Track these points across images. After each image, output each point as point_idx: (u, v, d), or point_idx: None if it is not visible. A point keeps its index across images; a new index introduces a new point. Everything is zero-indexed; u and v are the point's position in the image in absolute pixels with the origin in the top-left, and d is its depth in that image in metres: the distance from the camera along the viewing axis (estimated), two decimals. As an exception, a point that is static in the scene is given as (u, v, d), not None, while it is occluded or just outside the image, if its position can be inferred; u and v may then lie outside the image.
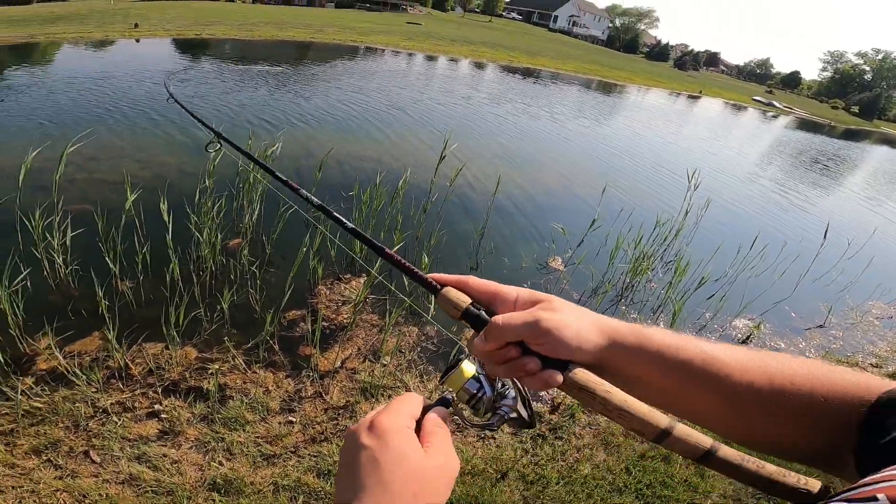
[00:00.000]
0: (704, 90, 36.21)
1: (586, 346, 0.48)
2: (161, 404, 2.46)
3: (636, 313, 4.13)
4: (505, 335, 0.49)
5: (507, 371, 0.50)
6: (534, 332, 0.48)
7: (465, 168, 4.52)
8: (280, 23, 22.71)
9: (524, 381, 0.50)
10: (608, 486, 2.35)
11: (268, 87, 10.25)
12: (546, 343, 0.48)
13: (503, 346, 0.49)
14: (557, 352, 0.48)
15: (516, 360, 0.49)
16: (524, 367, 0.48)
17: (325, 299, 3.38)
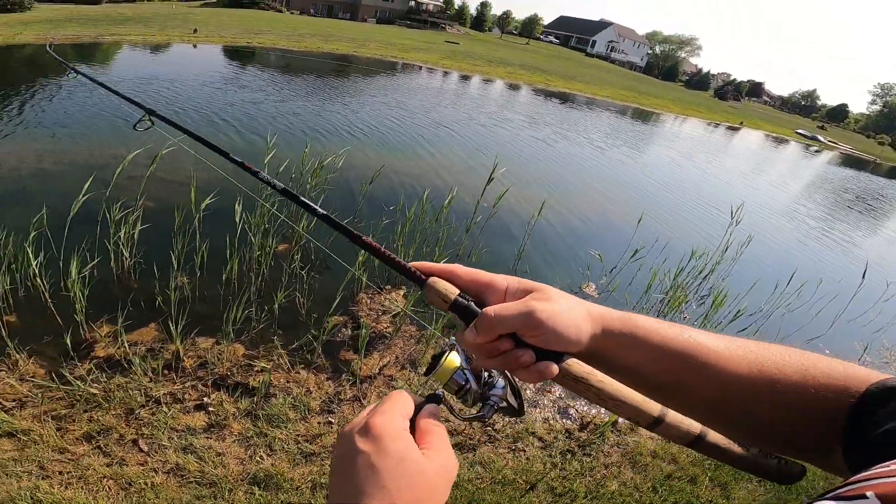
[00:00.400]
0: (745, 122, 35.50)
1: (580, 336, 0.47)
2: (209, 397, 2.57)
3: None
4: (497, 327, 0.46)
5: (500, 364, 0.48)
6: (527, 324, 0.46)
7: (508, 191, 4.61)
8: (325, 35, 23.60)
9: (517, 374, 0.48)
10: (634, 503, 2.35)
11: (319, 98, 10.72)
12: (540, 335, 0.46)
13: (495, 338, 0.47)
14: (550, 343, 0.46)
15: (509, 352, 0.47)
16: (518, 360, 0.46)
17: (366, 308, 3.48)
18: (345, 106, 10.41)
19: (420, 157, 7.75)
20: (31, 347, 2.69)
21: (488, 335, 0.47)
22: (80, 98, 7.65)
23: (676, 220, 7.72)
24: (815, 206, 13.00)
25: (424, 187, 4.99)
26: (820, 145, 36.84)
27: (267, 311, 3.14)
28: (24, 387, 2.48)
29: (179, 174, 5.00)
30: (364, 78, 15.83)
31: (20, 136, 5.87)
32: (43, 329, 2.83)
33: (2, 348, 2.63)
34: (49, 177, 4.84)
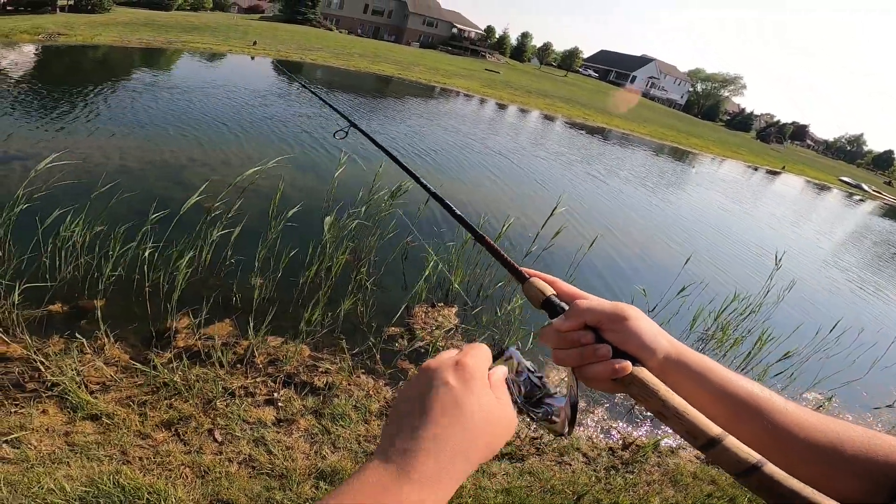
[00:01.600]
0: (788, 166, 34.76)
1: (655, 348, 0.50)
2: (278, 393, 2.74)
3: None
4: (586, 314, 0.51)
5: (577, 356, 0.51)
6: (612, 318, 0.51)
7: (570, 225, 4.75)
8: (373, 56, 24.61)
9: (589, 372, 0.50)
10: None
11: (383, 119, 11.24)
12: (621, 332, 0.50)
13: (581, 327, 0.51)
14: (628, 343, 0.50)
15: (588, 345, 0.50)
16: (596, 352, 0.50)
17: (421, 321, 3.64)
18: (410, 127, 10.91)
19: (480, 184, 8.02)
20: (118, 333, 2.87)
21: (576, 321, 0.52)
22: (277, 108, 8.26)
23: (718, 262, 7.69)
24: (858, 256, 12.60)
25: (482, 212, 5.17)
26: (864, 194, 35.64)
27: (331, 317, 3.32)
28: (110, 370, 2.67)
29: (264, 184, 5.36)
30: (414, 100, 16.40)
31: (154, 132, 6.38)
32: (131, 316, 3.04)
33: (91, 332, 2.81)
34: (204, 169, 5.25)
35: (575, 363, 0.51)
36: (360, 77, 18.45)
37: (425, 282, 3.61)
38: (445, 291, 4.08)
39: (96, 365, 2.62)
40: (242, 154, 6.50)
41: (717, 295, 5.54)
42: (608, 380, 0.50)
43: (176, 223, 3.53)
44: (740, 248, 9.17)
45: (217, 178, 3.76)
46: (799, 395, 4.27)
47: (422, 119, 12.76)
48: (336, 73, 17.92)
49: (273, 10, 47.03)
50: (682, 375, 0.50)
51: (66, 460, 2.10)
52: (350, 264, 4.06)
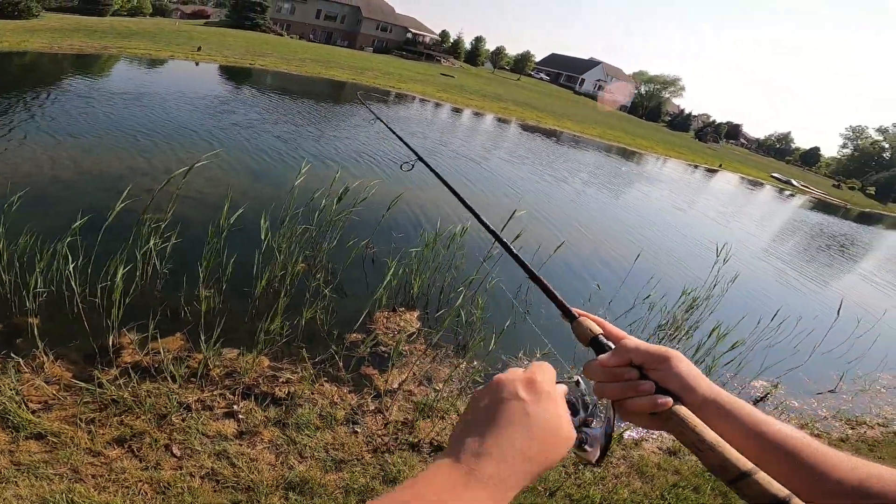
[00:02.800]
0: (724, 164, 37.10)
1: (694, 388, 0.54)
2: (238, 405, 2.68)
3: None
4: (631, 354, 0.57)
5: (621, 390, 0.55)
6: (657, 359, 0.56)
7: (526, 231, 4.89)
8: (325, 61, 24.25)
9: (629, 405, 0.55)
10: None
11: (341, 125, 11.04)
12: (663, 371, 0.55)
13: (626, 363, 0.56)
14: (669, 382, 0.55)
15: (632, 380, 0.55)
16: (639, 387, 0.55)
17: (383, 326, 3.65)
18: (356, 133, 10.75)
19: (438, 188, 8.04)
20: (57, 351, 2.74)
21: (622, 358, 0.57)
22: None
23: (667, 257, 8.11)
24: (792, 249, 13.68)
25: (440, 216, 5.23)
26: (793, 189, 38.63)
27: (290, 326, 3.28)
28: (52, 388, 2.53)
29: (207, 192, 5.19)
30: (371, 105, 16.30)
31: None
32: (69, 333, 2.90)
33: (28, 350, 2.67)
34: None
35: (616, 396, 0.56)
36: (312, 82, 18.15)
37: (385, 288, 3.63)
38: (407, 296, 4.11)
39: (36, 384, 2.51)
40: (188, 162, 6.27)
41: (668, 289, 5.81)
42: (647, 413, 0.54)
43: (112, 235, 3.38)
44: (685, 243, 9.72)
45: (158, 188, 3.61)
46: (747, 383, 4.50)
47: (380, 125, 12.71)
48: (288, 79, 17.54)
49: (220, 16, 45.41)
50: (717, 414, 0.53)
51: (13, 479, 2.01)
52: (307, 272, 4.01)
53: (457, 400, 3.09)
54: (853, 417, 4.52)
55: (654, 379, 0.55)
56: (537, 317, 4.59)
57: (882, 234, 27.40)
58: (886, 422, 4.64)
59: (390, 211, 4.88)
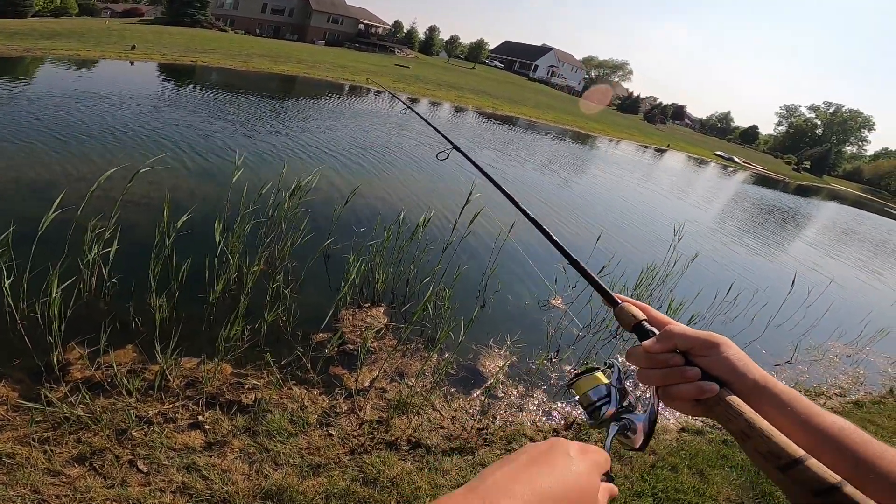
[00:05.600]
0: (672, 144, 38.70)
1: (745, 371, 0.52)
2: (203, 416, 2.58)
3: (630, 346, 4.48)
4: (677, 339, 0.55)
5: (664, 376, 0.54)
6: (704, 345, 0.54)
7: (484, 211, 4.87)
8: (274, 56, 23.38)
9: (674, 391, 0.53)
10: (627, 491, 2.63)
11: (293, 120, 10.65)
12: (710, 357, 0.53)
13: (671, 350, 0.55)
14: (716, 369, 0.53)
15: (677, 366, 0.54)
16: (684, 373, 0.53)
17: (350, 324, 3.59)
18: (311, 127, 10.43)
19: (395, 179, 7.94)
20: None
21: (667, 344, 0.55)
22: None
23: (623, 237, 8.33)
24: (740, 224, 14.45)
25: (402, 209, 5.18)
26: (735, 166, 40.84)
27: (251, 330, 3.17)
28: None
29: (153, 196, 4.91)
30: (324, 99, 15.86)
31: None
32: (10, 352, 2.70)
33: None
34: None
35: (660, 383, 0.55)
36: (262, 79, 17.46)
37: (348, 284, 3.56)
38: (372, 291, 4.06)
39: (-18, 405, 2.34)
40: (129, 166, 5.91)
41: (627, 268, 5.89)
42: (692, 400, 0.53)
43: (49, 246, 3.17)
44: (643, 221, 10.04)
45: (91, 194, 3.38)
46: None
47: (336, 119, 12.42)
48: (235, 76, 16.79)
49: (155, 13, 42.84)
50: (768, 403, 0.51)
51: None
52: (265, 272, 3.89)
53: (430, 394, 3.09)
54: (812, 388, 4.66)
55: (701, 365, 0.54)
56: (504, 303, 4.67)
57: (820, 205, 29.52)
58: (843, 391, 4.81)
59: (350, 204, 4.80)
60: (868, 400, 4.69)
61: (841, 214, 27.06)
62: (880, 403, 4.67)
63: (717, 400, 0.51)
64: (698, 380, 0.53)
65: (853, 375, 5.25)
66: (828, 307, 6.61)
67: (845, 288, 9.46)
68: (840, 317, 6.86)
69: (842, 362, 5.54)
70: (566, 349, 4.08)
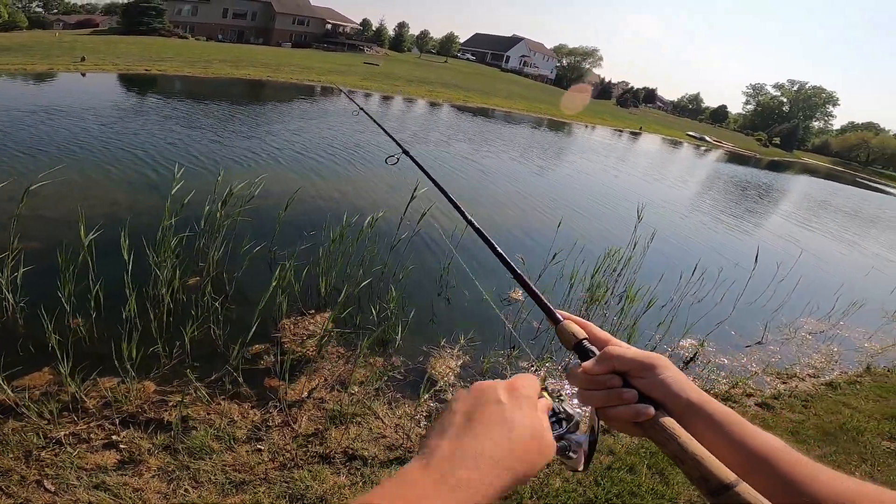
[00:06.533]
0: (644, 127, 39.10)
1: (679, 396, 0.52)
2: (119, 435, 2.43)
3: None
4: (614, 361, 0.55)
5: (604, 398, 0.54)
6: (641, 366, 0.54)
7: (434, 206, 4.70)
8: (236, 61, 22.84)
9: (612, 413, 0.53)
10: (580, 498, 2.46)
11: (235, 126, 10.31)
12: (646, 378, 0.53)
13: (609, 371, 0.54)
14: (653, 391, 0.53)
15: (615, 388, 0.53)
16: (621, 396, 0.53)
17: (290, 333, 3.43)
18: (263, 131, 10.16)
19: (343, 180, 7.73)
20: None
21: (605, 367, 0.55)
22: None
23: (593, 222, 8.23)
24: (711, 201, 14.59)
25: (347, 209, 4.99)
26: (708, 145, 41.48)
27: (179, 346, 3.01)
28: None
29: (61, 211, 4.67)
30: (288, 102, 15.52)
31: None
32: None
33: None
34: None
35: (600, 404, 0.55)
36: (223, 84, 17.02)
37: (286, 292, 3.41)
38: (315, 297, 3.88)
39: None
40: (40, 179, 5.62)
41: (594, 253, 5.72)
42: (630, 422, 0.52)
43: None
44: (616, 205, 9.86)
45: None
46: (676, 343, 4.41)
47: (301, 121, 12.14)
48: (194, 83, 16.33)
49: (111, 23, 41.62)
50: (703, 424, 0.51)
51: None
52: (197, 284, 3.70)
53: (373, 401, 2.94)
54: (784, 370, 4.44)
55: (638, 387, 0.54)
56: (460, 300, 4.51)
57: (792, 179, 30.12)
58: (817, 371, 4.58)
59: (298, 209, 4.63)
60: (843, 380, 4.47)
61: (814, 187, 27.60)
62: (856, 383, 4.43)
63: (651, 423, 0.51)
64: (635, 402, 0.53)
65: (827, 353, 5.04)
66: (797, 281, 6.38)
67: (819, 259, 9.42)
68: (812, 290, 6.63)
69: (814, 339, 5.31)
70: (525, 343, 3.95)
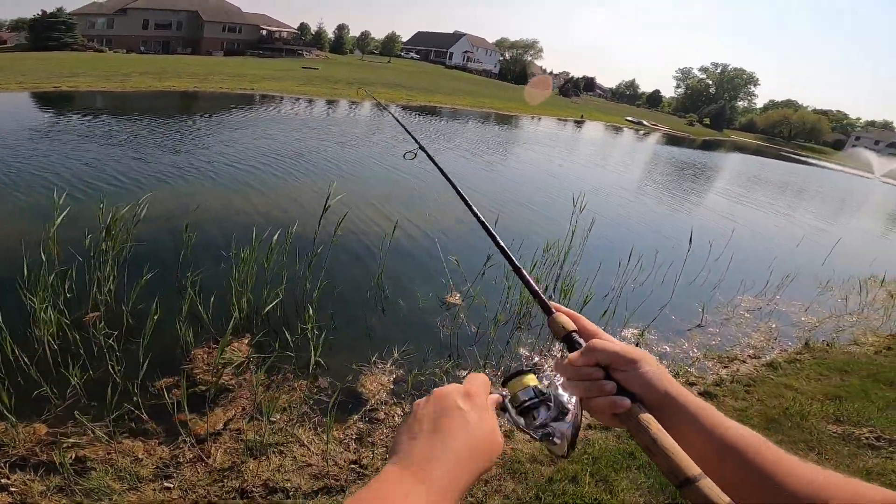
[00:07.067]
0: (586, 115, 40.36)
1: (655, 387, 0.55)
2: (9, 479, 2.24)
3: (533, 339, 4.14)
4: (598, 355, 0.58)
5: (585, 389, 0.57)
6: (620, 360, 0.57)
7: (360, 214, 4.52)
8: (159, 73, 21.56)
9: (593, 403, 0.57)
10: None
11: (143, 142, 9.63)
12: (627, 372, 0.56)
13: (593, 364, 0.58)
14: (632, 384, 0.56)
15: (597, 380, 0.57)
16: (602, 388, 0.56)
17: (203, 363, 3.22)
18: (176, 149, 9.56)
19: (261, 193, 7.15)
20: None
21: (589, 359, 0.58)
22: None
23: (538, 214, 8.13)
24: (649, 183, 15.13)
25: (267, 225, 4.73)
26: (646, 129, 43.41)
27: (73, 386, 2.77)
28: None
29: None
30: (200, 115, 14.76)
31: None
32: None
33: None
34: None
35: (582, 395, 0.58)
36: (144, 98, 16.01)
37: (191, 319, 3.19)
38: (230, 322, 3.54)
39: None
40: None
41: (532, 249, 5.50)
42: (609, 413, 0.56)
43: None
44: (558, 195, 9.64)
45: None
46: (618, 334, 4.23)
47: (232, 131, 11.58)
48: (112, 99, 15.26)
49: (19, 40, 38.35)
50: (678, 416, 0.54)
51: None
52: (84, 322, 3.42)
53: (297, 428, 2.79)
54: (724, 353, 4.40)
55: (618, 380, 0.57)
56: (394, 310, 4.33)
57: (725, 157, 31.93)
58: (757, 352, 4.52)
59: (205, 228, 4.34)
60: (783, 359, 4.40)
61: (745, 164, 29.16)
62: (796, 362, 4.36)
63: (628, 415, 0.54)
64: (613, 394, 0.56)
65: (766, 331, 5.00)
66: (731, 257, 6.48)
67: (752, 232, 9.73)
68: (747, 266, 6.72)
69: (753, 317, 5.28)
70: (464, 350, 3.83)
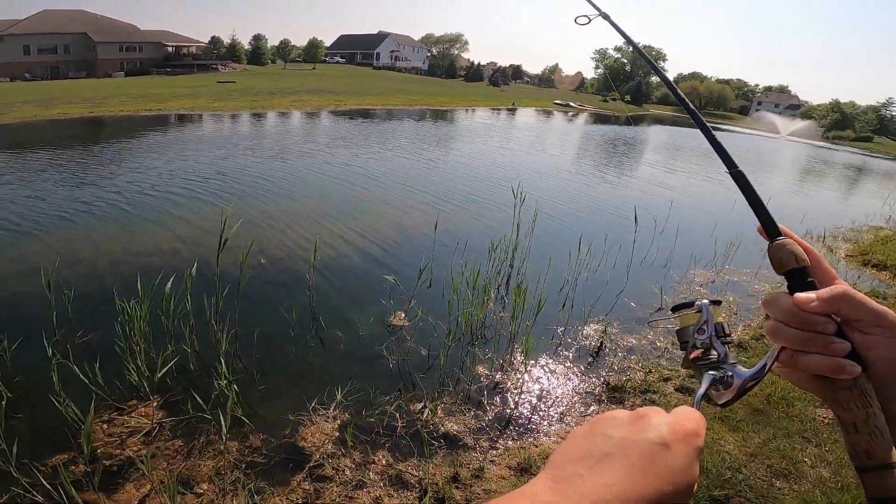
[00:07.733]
0: (517, 102, 41.00)
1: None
2: None
3: (492, 353, 3.77)
4: (843, 305, 0.45)
5: (802, 340, 0.45)
6: (876, 319, 0.44)
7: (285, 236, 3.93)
8: (46, 100, 19.24)
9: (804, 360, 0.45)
10: None
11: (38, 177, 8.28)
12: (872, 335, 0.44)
13: (828, 312, 0.45)
14: (870, 349, 0.45)
15: (824, 334, 0.44)
16: (830, 345, 0.44)
17: (105, 434, 2.64)
18: (94, 175, 8.36)
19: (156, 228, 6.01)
20: None
21: (829, 306, 0.45)
22: None
23: (471, 215, 7.58)
24: (590, 162, 15.38)
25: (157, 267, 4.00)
26: (574, 110, 44.85)
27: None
28: None
29: None
30: (111, 140, 13.22)
31: None
32: None
33: None
34: None
35: (794, 346, 0.46)
36: (28, 129, 14.13)
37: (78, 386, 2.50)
38: (133, 383, 2.96)
39: None
40: None
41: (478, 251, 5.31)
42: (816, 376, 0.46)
43: None
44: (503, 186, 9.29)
45: None
46: (580, 333, 4.09)
47: (142, 155, 10.32)
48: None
49: None
50: None
51: None
52: None
53: (230, 498, 2.31)
54: None
55: (855, 340, 0.44)
56: (332, 345, 3.73)
57: (647, 129, 33.63)
58: None
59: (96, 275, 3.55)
60: (749, 336, 4.24)
61: (666, 135, 30.89)
62: (762, 338, 4.12)
63: (850, 384, 0.44)
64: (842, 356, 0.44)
65: (725, 307, 4.79)
66: (676, 229, 6.43)
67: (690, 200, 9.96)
68: (692, 237, 6.71)
69: (709, 292, 5.16)
70: (416, 378, 3.37)
